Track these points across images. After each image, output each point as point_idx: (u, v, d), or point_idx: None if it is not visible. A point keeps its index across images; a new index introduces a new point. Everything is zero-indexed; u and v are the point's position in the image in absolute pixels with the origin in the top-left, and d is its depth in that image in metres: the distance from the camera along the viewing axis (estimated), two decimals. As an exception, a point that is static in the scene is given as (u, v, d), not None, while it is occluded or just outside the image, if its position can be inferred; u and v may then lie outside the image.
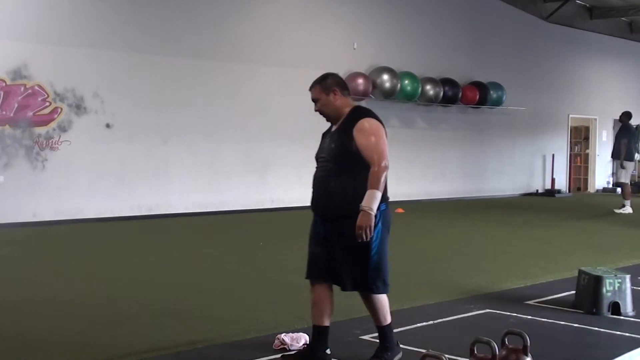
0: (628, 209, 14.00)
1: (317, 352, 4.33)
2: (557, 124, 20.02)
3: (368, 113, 4.32)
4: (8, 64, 10.59)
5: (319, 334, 4.34)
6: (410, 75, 15.22)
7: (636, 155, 14.97)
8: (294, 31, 13.94)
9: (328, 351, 4.34)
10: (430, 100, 15.83)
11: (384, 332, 4.38)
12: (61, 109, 11.09)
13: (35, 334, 4.95)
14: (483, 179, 17.85)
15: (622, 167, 14.25)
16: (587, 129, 21.60)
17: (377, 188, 4.07)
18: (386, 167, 4.12)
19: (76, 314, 5.52)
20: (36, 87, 10.83)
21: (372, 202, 4.04)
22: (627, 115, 14.71)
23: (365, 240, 4.05)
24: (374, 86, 14.74)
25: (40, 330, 5.05)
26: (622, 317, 5.60)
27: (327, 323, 4.34)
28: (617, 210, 14.02)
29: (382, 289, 4.29)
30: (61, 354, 4.50)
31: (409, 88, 15.14)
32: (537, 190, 19.35)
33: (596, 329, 5.30)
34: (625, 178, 14.31)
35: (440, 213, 14.05)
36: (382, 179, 4.11)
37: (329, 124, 4.45)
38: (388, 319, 4.37)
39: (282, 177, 13.55)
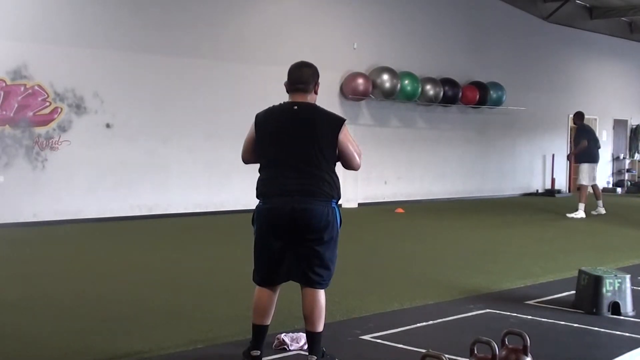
0: (580, 213, 13.23)
1: (261, 350, 4.35)
2: (557, 124, 20.02)
3: None
4: (8, 64, 10.58)
5: (263, 334, 4.37)
6: (410, 75, 15.22)
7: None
8: (294, 31, 13.94)
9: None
10: (430, 100, 15.83)
11: (320, 339, 4.31)
12: (61, 109, 11.09)
13: (35, 334, 4.95)
14: (483, 179, 17.86)
15: (580, 168, 13.72)
16: (587, 129, 21.58)
17: None
18: None
19: (76, 314, 5.52)
20: (36, 87, 10.83)
21: None
22: (579, 117, 14.01)
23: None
24: (374, 86, 14.74)
25: (40, 330, 5.05)
26: (622, 317, 5.60)
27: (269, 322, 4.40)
28: (569, 215, 13.34)
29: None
30: (61, 354, 4.50)
31: (409, 88, 15.14)
32: (537, 190, 19.36)
33: (596, 329, 5.30)
34: (584, 180, 13.56)
35: (440, 213, 14.05)
36: None
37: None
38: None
39: (282, 177, 13.53)
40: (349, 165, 4.38)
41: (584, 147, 13.61)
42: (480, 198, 17.32)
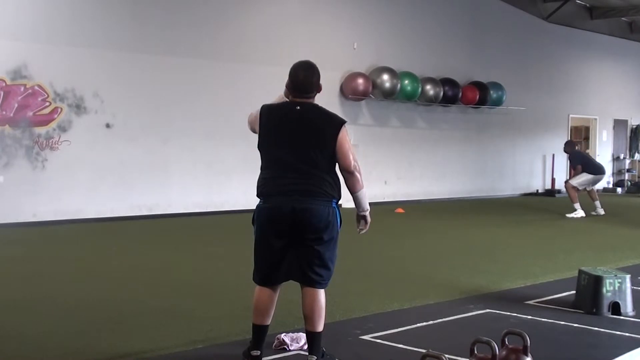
0: (579, 213, 13.39)
1: (261, 350, 4.36)
2: (557, 124, 20.02)
3: None
4: (8, 64, 10.59)
5: (263, 334, 4.37)
6: (410, 75, 15.22)
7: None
8: (294, 31, 13.94)
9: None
10: (430, 100, 15.83)
11: (320, 339, 4.31)
12: (61, 109, 11.09)
13: (35, 334, 4.94)
14: (483, 179, 17.86)
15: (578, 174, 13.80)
16: (587, 129, 21.61)
17: None
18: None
19: (76, 314, 5.52)
20: (36, 87, 10.83)
21: None
22: (569, 145, 14.55)
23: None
24: (374, 86, 14.75)
25: (40, 330, 5.05)
26: (622, 317, 5.60)
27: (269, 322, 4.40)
28: (568, 215, 13.43)
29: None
30: (61, 354, 4.50)
31: (409, 88, 15.14)
32: (537, 190, 19.36)
33: (596, 329, 5.30)
34: (573, 180, 13.70)
35: (440, 213, 14.05)
36: None
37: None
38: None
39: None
40: (342, 163, 4.30)
41: (579, 172, 13.81)
42: (480, 198, 17.32)
